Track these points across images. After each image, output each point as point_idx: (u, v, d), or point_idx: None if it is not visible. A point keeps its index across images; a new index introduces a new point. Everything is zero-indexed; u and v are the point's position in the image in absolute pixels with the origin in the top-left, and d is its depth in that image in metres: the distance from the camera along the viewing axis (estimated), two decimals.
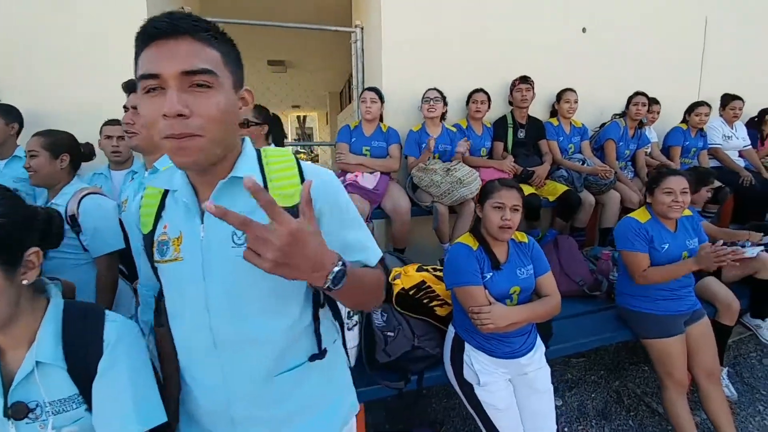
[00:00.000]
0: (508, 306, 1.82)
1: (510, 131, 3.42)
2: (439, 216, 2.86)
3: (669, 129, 4.03)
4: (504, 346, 1.85)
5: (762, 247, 2.81)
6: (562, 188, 3.25)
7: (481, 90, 3.27)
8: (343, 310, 1.88)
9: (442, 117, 3.18)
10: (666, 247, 2.27)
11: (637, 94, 3.54)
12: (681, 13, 4.20)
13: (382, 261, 1.00)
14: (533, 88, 3.37)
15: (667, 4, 4.13)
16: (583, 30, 3.78)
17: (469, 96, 3.29)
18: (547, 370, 1.96)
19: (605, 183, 3.26)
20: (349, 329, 1.93)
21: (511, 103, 3.49)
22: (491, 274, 1.84)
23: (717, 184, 3.67)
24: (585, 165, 3.39)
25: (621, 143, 3.59)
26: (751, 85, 4.59)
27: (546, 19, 3.65)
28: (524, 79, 3.34)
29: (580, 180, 3.30)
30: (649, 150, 3.90)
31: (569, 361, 3.13)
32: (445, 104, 3.13)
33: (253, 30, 4.71)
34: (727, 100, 4.12)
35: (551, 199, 3.26)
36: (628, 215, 2.39)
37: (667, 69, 4.21)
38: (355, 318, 1.94)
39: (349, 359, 1.20)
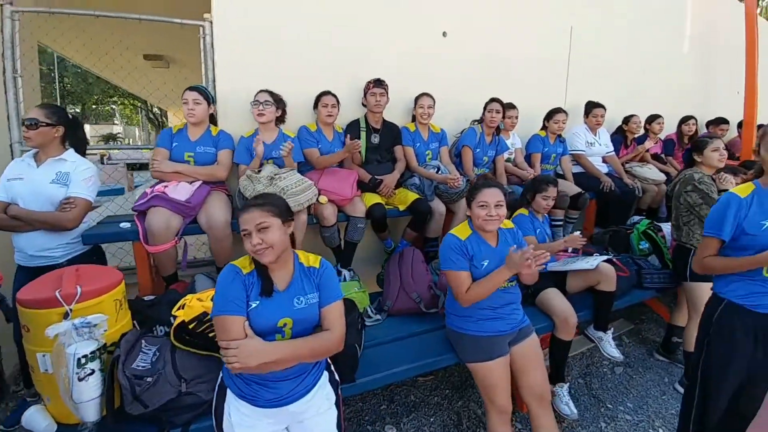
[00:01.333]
0: (277, 341, 1.53)
1: (364, 136, 3.16)
2: None
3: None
4: (267, 392, 1.54)
5: (603, 258, 2.75)
6: (413, 197, 3.05)
7: (329, 93, 2.98)
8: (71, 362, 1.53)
9: (280, 121, 2.87)
10: (486, 264, 2.08)
11: (492, 100, 3.41)
12: (548, 22, 4.18)
13: None
14: (387, 92, 3.14)
15: (535, 13, 4.09)
16: (444, 34, 3.62)
17: (317, 99, 2.99)
18: (334, 413, 1.69)
19: (455, 191, 3.09)
20: (81, 379, 1.55)
21: (366, 107, 3.24)
22: (258, 302, 1.54)
23: (576, 190, 3.65)
24: (439, 172, 3.21)
25: (478, 150, 3.45)
26: (615, 92, 4.70)
27: (405, 22, 3.45)
28: (378, 83, 3.10)
29: (431, 188, 3.11)
30: (512, 156, 3.82)
31: (416, 381, 2.92)
32: (280, 108, 2.81)
33: (127, 24, 4.16)
34: (590, 107, 4.15)
35: (401, 208, 3.06)
36: (450, 231, 2.19)
37: (535, 76, 4.18)
38: (91, 366, 1.56)
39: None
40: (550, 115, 3.81)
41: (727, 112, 5.46)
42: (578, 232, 2.71)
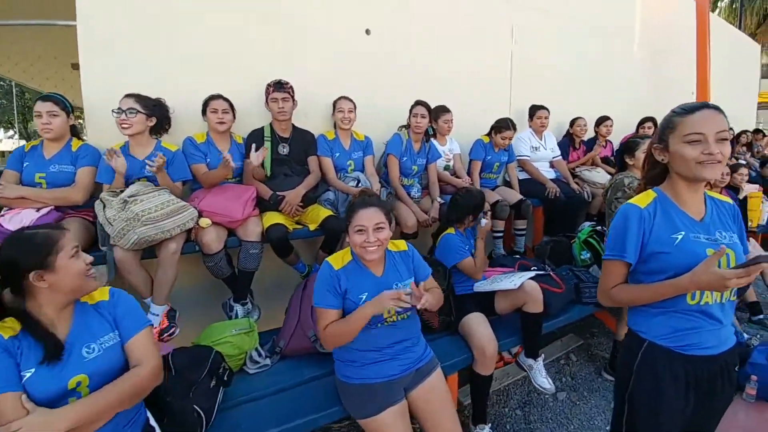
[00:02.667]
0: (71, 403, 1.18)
1: (269, 146, 2.74)
2: (117, 264, 2.08)
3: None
4: None
5: (528, 275, 2.37)
6: (325, 213, 2.63)
7: (219, 97, 2.55)
8: None
9: (157, 131, 2.43)
10: (365, 297, 1.68)
11: (416, 103, 3.01)
12: (487, 21, 3.84)
13: None
14: (293, 96, 2.73)
15: (472, 10, 3.74)
16: (367, 32, 3.23)
17: (204, 105, 2.55)
18: None
19: None
20: None
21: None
22: (33, 370, 1.17)
23: (518, 198, 3.29)
24: (359, 185, 2.81)
25: (405, 158, 3.05)
26: (563, 96, 4.39)
27: (323, 17, 3.03)
28: (278, 86, 2.66)
29: (346, 203, 2.71)
30: (450, 163, 3.44)
31: (330, 427, 2.49)
32: (155, 115, 2.36)
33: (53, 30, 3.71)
34: (534, 110, 3.83)
35: (312, 227, 2.63)
36: (327, 259, 1.78)
37: (476, 78, 3.82)
38: None
39: None
40: (499, 128, 3.43)
41: None
42: (485, 221, 2.44)
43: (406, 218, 2.81)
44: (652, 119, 4.50)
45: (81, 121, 2.59)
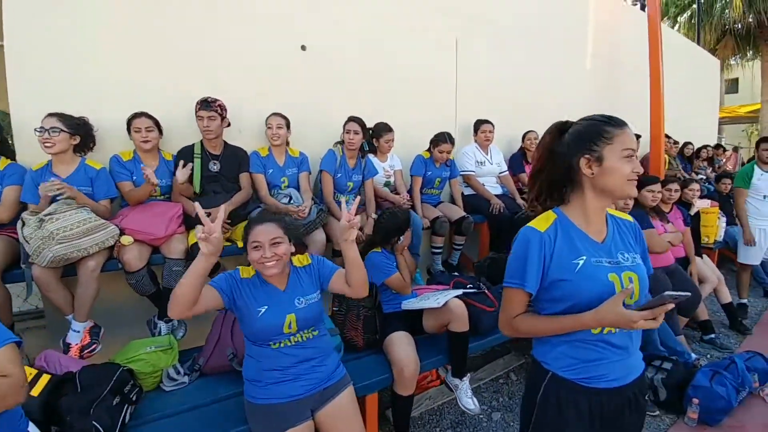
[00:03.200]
0: None
1: (198, 163, 2.75)
2: (35, 281, 2.08)
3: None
4: None
5: (454, 294, 2.38)
6: None
7: (143, 114, 2.55)
8: None
9: (81, 149, 2.43)
10: (263, 311, 1.69)
11: (349, 120, 3.06)
12: (428, 34, 3.90)
13: None
14: (222, 114, 2.74)
15: (413, 24, 3.80)
16: (303, 48, 3.27)
17: (128, 123, 2.55)
18: None
19: (303, 223, 2.70)
20: None
21: None
22: None
23: (460, 214, 3.31)
24: (291, 202, 2.82)
25: (339, 175, 3.08)
26: (512, 110, 4.45)
27: (256, 33, 3.07)
28: (205, 104, 2.66)
29: None
30: (391, 180, 3.46)
31: None
32: (78, 134, 2.35)
33: None
34: (478, 124, 3.88)
35: (240, 244, 2.63)
36: (239, 266, 1.81)
37: (418, 92, 3.87)
38: None
39: None
40: (436, 142, 3.45)
41: (637, 127, 5.29)
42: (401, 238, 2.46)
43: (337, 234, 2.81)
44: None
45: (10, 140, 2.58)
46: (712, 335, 3.55)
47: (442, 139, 3.40)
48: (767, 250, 4.05)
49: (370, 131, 3.25)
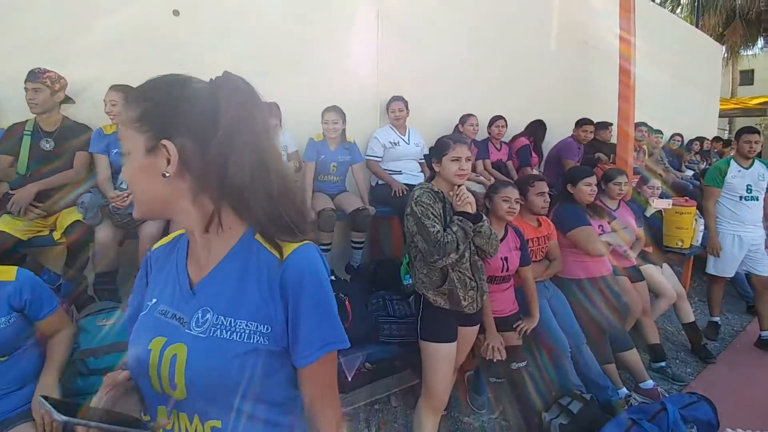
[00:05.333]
0: None
1: (27, 141, 2.23)
2: None
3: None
4: None
5: None
6: (71, 219, 2.13)
7: None
8: None
9: None
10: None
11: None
12: (350, 5, 3.27)
13: None
14: (50, 86, 2.21)
15: None
16: (175, 13, 2.68)
17: None
18: None
19: (122, 213, 2.15)
20: None
21: None
22: None
23: (357, 205, 2.70)
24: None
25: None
26: (452, 92, 3.79)
27: None
28: (31, 75, 2.17)
29: (95, 208, 2.17)
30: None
31: None
32: None
33: None
34: (389, 102, 3.25)
35: (56, 236, 2.12)
36: None
37: (341, 68, 3.26)
38: None
39: None
40: (322, 116, 2.85)
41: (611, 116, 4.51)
42: None
43: None
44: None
45: None
46: (662, 363, 2.83)
47: (326, 110, 2.81)
48: (743, 261, 3.29)
49: None
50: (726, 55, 10.82)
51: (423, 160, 3.31)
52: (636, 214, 3.08)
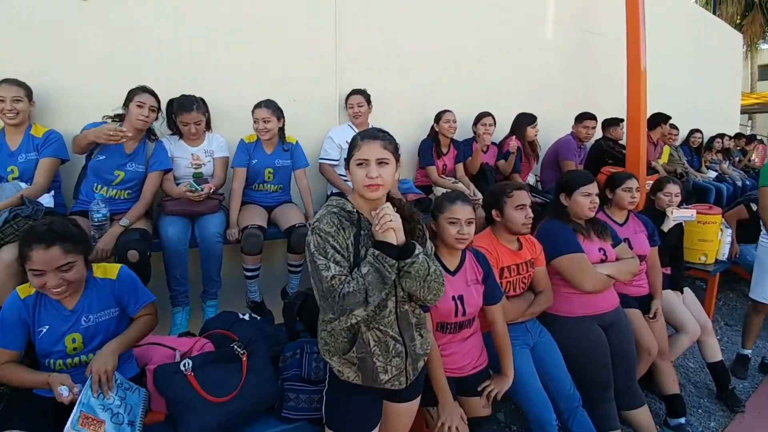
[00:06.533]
0: None
1: None
2: None
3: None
4: None
5: None
6: None
7: None
8: None
9: None
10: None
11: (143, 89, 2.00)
12: None
13: None
14: None
15: None
16: None
17: None
18: None
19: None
20: None
21: None
22: None
23: (296, 221, 2.12)
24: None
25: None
26: (425, 81, 3.19)
27: None
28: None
29: None
30: (202, 170, 2.29)
31: None
32: None
33: None
34: (348, 96, 2.67)
35: None
36: None
37: (291, 58, 2.69)
38: None
39: None
40: (253, 112, 2.29)
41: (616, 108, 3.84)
42: None
43: None
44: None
45: None
46: (681, 420, 2.16)
47: (257, 106, 2.24)
48: None
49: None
50: (744, 47, 9.96)
51: None
52: (649, 228, 2.42)
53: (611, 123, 3.81)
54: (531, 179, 3.62)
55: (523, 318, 1.87)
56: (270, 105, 2.24)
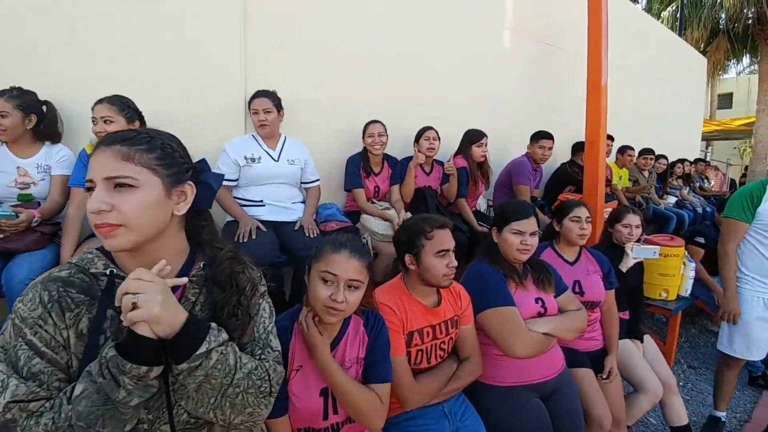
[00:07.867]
0: None
1: None
2: None
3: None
4: None
5: None
6: None
7: None
8: None
9: None
10: None
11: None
12: None
13: None
14: None
15: None
16: None
17: None
18: None
19: None
20: None
21: None
22: None
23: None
24: None
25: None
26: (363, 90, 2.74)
27: None
28: None
29: None
30: (30, 189, 1.75)
31: None
32: None
33: None
34: (250, 100, 2.18)
35: None
36: None
37: (185, 58, 2.18)
38: None
39: None
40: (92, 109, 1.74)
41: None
42: None
43: None
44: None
45: None
46: None
47: (95, 104, 1.71)
48: None
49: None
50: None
51: (306, 184, 2.25)
52: (604, 267, 2.02)
53: (581, 148, 3.40)
54: (483, 204, 3.21)
55: (443, 396, 1.41)
56: (114, 101, 1.68)
